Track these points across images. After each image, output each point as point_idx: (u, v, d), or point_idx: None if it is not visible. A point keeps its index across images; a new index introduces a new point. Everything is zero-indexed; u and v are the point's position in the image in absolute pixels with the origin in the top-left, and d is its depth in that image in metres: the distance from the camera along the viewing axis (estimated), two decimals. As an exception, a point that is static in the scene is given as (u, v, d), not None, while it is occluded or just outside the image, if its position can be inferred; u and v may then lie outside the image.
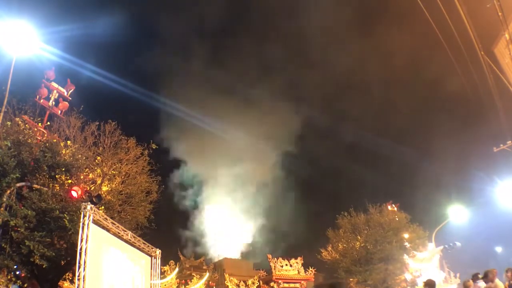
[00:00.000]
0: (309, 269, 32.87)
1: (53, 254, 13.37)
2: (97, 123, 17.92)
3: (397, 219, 29.86)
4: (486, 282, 9.72)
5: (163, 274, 26.56)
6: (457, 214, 27.31)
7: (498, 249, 35.63)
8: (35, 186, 14.06)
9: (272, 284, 31.46)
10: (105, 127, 17.94)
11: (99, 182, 17.13)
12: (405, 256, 26.94)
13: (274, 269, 31.76)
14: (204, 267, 31.56)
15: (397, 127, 44.19)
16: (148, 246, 17.52)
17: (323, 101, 56.13)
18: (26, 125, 15.30)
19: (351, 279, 30.22)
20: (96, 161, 17.40)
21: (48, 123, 16.58)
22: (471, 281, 10.54)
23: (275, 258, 32.23)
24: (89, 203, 12.90)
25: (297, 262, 32.82)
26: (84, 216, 12.64)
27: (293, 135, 55.30)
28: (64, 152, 15.55)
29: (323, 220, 35.35)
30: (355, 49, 55.14)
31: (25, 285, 14.27)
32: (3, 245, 12.74)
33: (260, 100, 54.95)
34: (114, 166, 17.84)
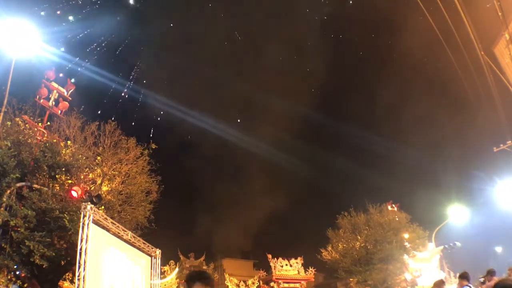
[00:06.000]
0: (309, 269, 32.88)
1: (53, 254, 13.37)
2: (97, 123, 17.99)
3: (397, 219, 29.86)
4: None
5: (163, 274, 26.57)
6: (457, 214, 27.27)
7: (498, 249, 35.61)
8: (35, 186, 14.05)
9: (272, 284, 31.46)
10: (105, 127, 18.00)
11: (99, 182, 17.14)
12: (405, 256, 26.94)
13: (274, 269, 31.74)
14: (204, 267, 31.55)
15: (398, 127, 44.17)
16: (148, 246, 17.52)
17: (324, 101, 56.07)
18: (26, 125, 15.29)
19: (351, 279, 30.25)
20: (96, 161, 17.42)
21: (48, 123, 16.56)
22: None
23: (275, 258, 32.19)
24: (89, 203, 12.88)
25: (297, 262, 32.81)
26: (84, 216, 12.63)
27: (293, 135, 55.29)
28: (64, 152, 15.57)
29: (323, 220, 35.33)
30: (356, 49, 55.08)
31: (25, 285, 14.26)
32: (3, 245, 12.73)
33: (259, 98, 54.86)
34: (114, 166, 17.88)
